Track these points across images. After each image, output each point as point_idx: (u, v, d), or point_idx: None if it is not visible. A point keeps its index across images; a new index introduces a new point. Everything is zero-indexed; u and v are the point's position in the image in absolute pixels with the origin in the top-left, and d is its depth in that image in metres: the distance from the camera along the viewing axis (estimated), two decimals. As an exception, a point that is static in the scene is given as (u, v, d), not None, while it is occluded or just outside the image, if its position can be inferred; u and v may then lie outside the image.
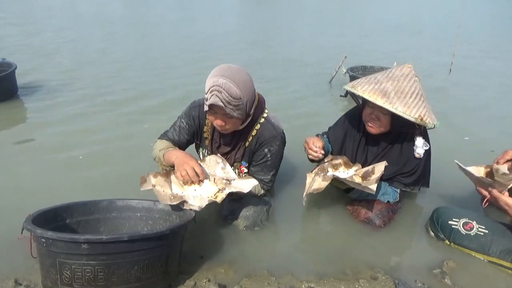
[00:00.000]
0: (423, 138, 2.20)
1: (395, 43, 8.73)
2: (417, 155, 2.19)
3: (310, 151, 2.20)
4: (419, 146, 2.17)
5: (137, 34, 8.12)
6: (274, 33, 9.10)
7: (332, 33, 9.57)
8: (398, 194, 2.36)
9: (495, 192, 1.91)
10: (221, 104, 1.79)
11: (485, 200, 2.00)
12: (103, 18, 9.64)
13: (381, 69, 5.02)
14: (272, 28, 9.78)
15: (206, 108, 1.87)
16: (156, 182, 1.96)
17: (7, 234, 1.94)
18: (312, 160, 2.31)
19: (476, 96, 5.15)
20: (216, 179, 2.01)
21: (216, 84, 1.79)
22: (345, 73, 5.08)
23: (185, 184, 1.98)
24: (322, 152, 2.20)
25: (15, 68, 4.16)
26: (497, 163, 2.14)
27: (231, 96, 1.79)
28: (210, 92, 1.80)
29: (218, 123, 1.91)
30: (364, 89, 2.07)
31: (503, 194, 1.92)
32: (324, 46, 7.93)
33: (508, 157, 2.14)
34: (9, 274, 1.78)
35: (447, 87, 5.40)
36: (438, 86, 5.21)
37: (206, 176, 2.02)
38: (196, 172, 1.94)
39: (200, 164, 1.99)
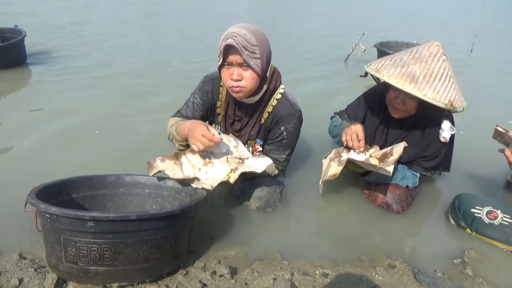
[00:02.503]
0: (450, 121, 2.07)
1: (414, 22, 8.44)
2: (442, 139, 2.06)
3: (350, 141, 2.10)
4: (446, 129, 2.04)
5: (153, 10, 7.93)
6: (285, 14, 8.84)
7: (346, 13, 9.28)
8: (418, 179, 2.25)
9: None
10: (236, 46, 1.68)
11: None
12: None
13: (398, 44, 4.85)
14: (283, 9, 9.50)
15: (220, 62, 1.77)
16: (164, 167, 1.85)
17: (13, 206, 1.86)
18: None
19: (497, 77, 4.96)
20: (229, 158, 1.92)
21: (231, 32, 1.70)
22: (364, 50, 4.90)
23: (200, 156, 1.89)
24: (363, 147, 2.11)
25: (25, 35, 4.03)
26: None
27: (246, 41, 1.69)
28: (225, 39, 1.71)
29: (233, 78, 1.77)
30: (390, 73, 1.92)
31: None
32: (337, 25, 7.70)
33: None
34: (14, 248, 1.73)
35: (468, 68, 5.20)
36: (459, 67, 5.02)
37: (218, 150, 1.93)
38: (207, 139, 1.76)
39: (208, 128, 1.82)
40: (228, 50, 1.72)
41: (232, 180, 1.80)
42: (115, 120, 3.11)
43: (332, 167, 2.07)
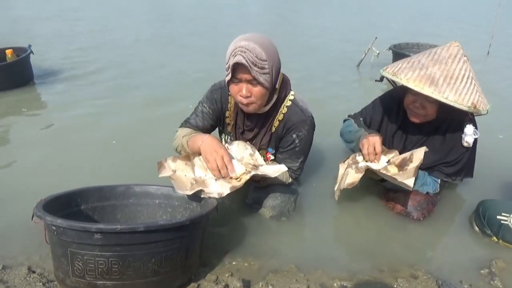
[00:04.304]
0: (473, 124, 1.97)
1: (427, 24, 8.32)
2: (465, 144, 1.97)
3: (367, 156, 2.03)
4: (469, 134, 1.94)
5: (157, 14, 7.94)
6: (295, 15, 8.80)
7: (357, 17, 9.21)
8: (439, 185, 2.15)
9: None
10: (245, 63, 1.62)
11: None
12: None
13: (417, 45, 4.78)
14: (294, 12, 9.48)
15: (228, 77, 1.71)
16: (176, 167, 1.83)
17: (24, 218, 1.83)
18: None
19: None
20: (242, 163, 1.86)
21: (239, 46, 1.64)
22: (378, 54, 4.82)
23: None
24: (379, 160, 2.03)
25: (29, 53, 3.92)
26: None
27: (256, 57, 1.63)
28: (233, 55, 1.65)
29: (242, 94, 1.73)
30: (408, 76, 1.84)
31: None
32: (348, 29, 7.63)
33: None
34: (23, 261, 1.69)
35: (485, 71, 5.06)
36: (476, 69, 4.89)
37: (233, 156, 1.88)
38: (225, 163, 1.77)
39: (229, 153, 1.82)
40: (237, 67, 1.67)
41: (242, 182, 1.73)
42: (128, 132, 3.07)
43: (350, 175, 1.99)
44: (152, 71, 4.65)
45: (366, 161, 2.07)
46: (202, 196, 1.73)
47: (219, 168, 1.76)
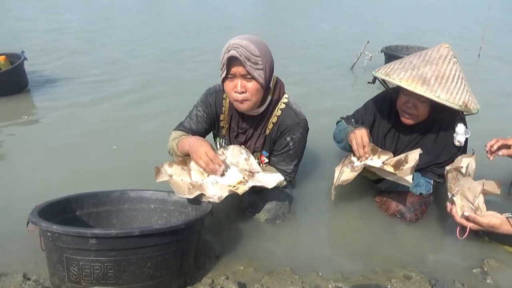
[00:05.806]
0: (463, 124, 2.01)
1: (419, 26, 8.40)
2: (457, 143, 2.00)
3: (357, 150, 2.02)
4: (460, 133, 1.98)
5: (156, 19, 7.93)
6: (290, 20, 8.85)
7: (351, 19, 9.28)
8: (432, 186, 2.17)
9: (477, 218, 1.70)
10: (239, 57, 1.65)
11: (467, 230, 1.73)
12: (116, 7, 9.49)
13: (406, 48, 4.85)
14: (288, 15, 9.53)
15: (223, 74, 1.74)
16: (172, 172, 1.84)
17: (19, 225, 1.83)
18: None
19: (507, 82, 4.87)
20: (239, 169, 1.88)
21: (232, 44, 1.68)
22: (371, 57, 4.87)
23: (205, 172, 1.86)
24: (368, 153, 2.02)
25: (23, 59, 3.86)
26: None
27: (249, 52, 1.67)
28: (227, 52, 1.68)
29: (237, 90, 1.74)
30: (401, 76, 1.87)
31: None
32: (342, 33, 7.69)
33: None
34: (19, 268, 1.69)
35: (476, 73, 5.13)
36: (467, 72, 4.95)
37: (228, 160, 1.90)
38: (209, 158, 1.78)
39: (212, 148, 1.84)
40: (231, 61, 1.69)
41: (240, 192, 1.75)
42: (129, 138, 3.06)
43: (345, 173, 2.01)
44: (152, 79, 4.66)
45: (358, 158, 2.08)
46: (202, 200, 1.74)
47: (205, 166, 1.78)
